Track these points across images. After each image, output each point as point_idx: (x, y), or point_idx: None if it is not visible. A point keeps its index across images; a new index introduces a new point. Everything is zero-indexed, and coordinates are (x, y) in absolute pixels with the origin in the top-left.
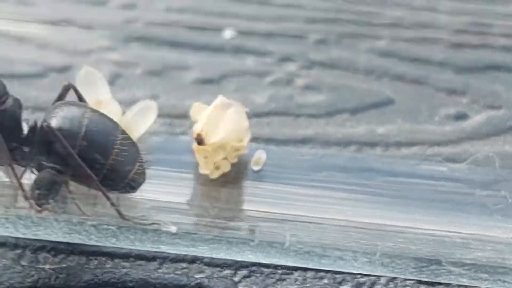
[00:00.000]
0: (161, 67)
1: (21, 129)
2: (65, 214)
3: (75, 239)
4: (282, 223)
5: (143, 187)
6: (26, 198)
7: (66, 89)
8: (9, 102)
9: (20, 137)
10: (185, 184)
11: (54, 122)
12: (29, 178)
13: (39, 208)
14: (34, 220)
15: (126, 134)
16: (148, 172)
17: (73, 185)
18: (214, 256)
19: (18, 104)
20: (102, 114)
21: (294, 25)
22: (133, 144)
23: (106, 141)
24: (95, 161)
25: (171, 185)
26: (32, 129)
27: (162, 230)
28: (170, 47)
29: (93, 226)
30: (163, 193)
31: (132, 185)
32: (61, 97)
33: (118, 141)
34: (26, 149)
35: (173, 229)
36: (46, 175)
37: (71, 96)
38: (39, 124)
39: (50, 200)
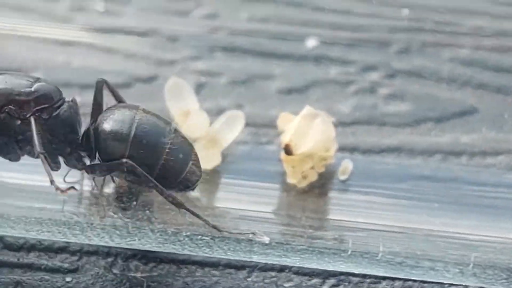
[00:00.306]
0: (245, 76)
1: (77, 134)
2: (160, 224)
3: (168, 249)
4: (370, 233)
5: (231, 196)
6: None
7: (100, 85)
8: (64, 107)
9: (76, 142)
10: (272, 194)
11: (104, 126)
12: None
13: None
14: (130, 230)
15: (179, 133)
16: (236, 181)
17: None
18: (305, 266)
19: (74, 109)
20: (153, 115)
21: (377, 34)
22: (186, 143)
23: (156, 142)
24: (147, 161)
25: (258, 194)
26: (86, 134)
27: (254, 240)
28: (254, 56)
29: (187, 236)
30: (250, 202)
31: (187, 184)
32: (96, 94)
33: (170, 141)
34: (83, 153)
35: (266, 239)
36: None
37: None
38: (92, 128)
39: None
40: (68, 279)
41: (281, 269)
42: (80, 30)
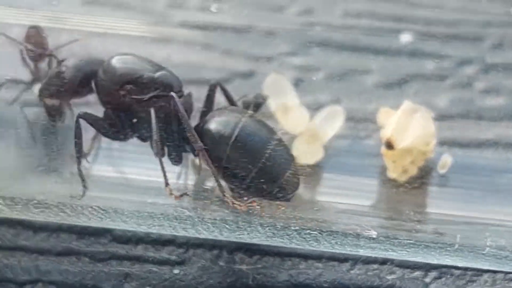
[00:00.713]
0: (342, 71)
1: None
2: (270, 219)
3: (276, 242)
4: (473, 227)
5: (332, 190)
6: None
7: (213, 87)
8: (182, 100)
9: (185, 136)
10: (373, 188)
11: (209, 125)
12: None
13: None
14: (239, 225)
15: (283, 143)
16: (337, 176)
17: None
18: (412, 261)
19: (190, 104)
20: (259, 121)
21: (470, 29)
22: (286, 153)
23: (256, 147)
24: (244, 163)
25: (359, 188)
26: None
27: (361, 235)
28: (349, 51)
29: (296, 231)
30: (351, 196)
31: (282, 193)
32: (209, 94)
33: (270, 148)
34: (188, 148)
35: (373, 233)
36: None
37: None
38: (199, 126)
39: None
40: (175, 271)
41: (384, 261)
42: (178, 27)
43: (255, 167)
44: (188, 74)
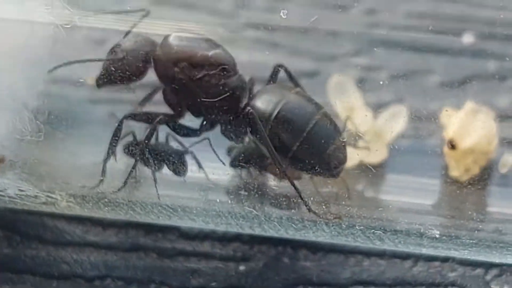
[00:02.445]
0: (405, 71)
1: (236, 109)
2: (335, 218)
3: (340, 241)
4: None
5: (395, 189)
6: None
7: (276, 70)
8: (233, 80)
9: (234, 115)
10: (435, 187)
11: (255, 102)
12: None
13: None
14: (306, 224)
15: (328, 118)
16: (399, 175)
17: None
18: (473, 258)
19: (242, 85)
20: (304, 96)
21: None
22: (331, 128)
23: (299, 120)
24: (287, 136)
25: (420, 187)
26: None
27: (424, 234)
28: (412, 51)
29: (361, 230)
30: (413, 195)
31: (327, 167)
32: (272, 77)
33: (314, 121)
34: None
35: (436, 233)
36: None
37: None
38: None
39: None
40: (241, 267)
41: (445, 259)
42: (244, 27)
43: (298, 139)
44: (254, 74)
